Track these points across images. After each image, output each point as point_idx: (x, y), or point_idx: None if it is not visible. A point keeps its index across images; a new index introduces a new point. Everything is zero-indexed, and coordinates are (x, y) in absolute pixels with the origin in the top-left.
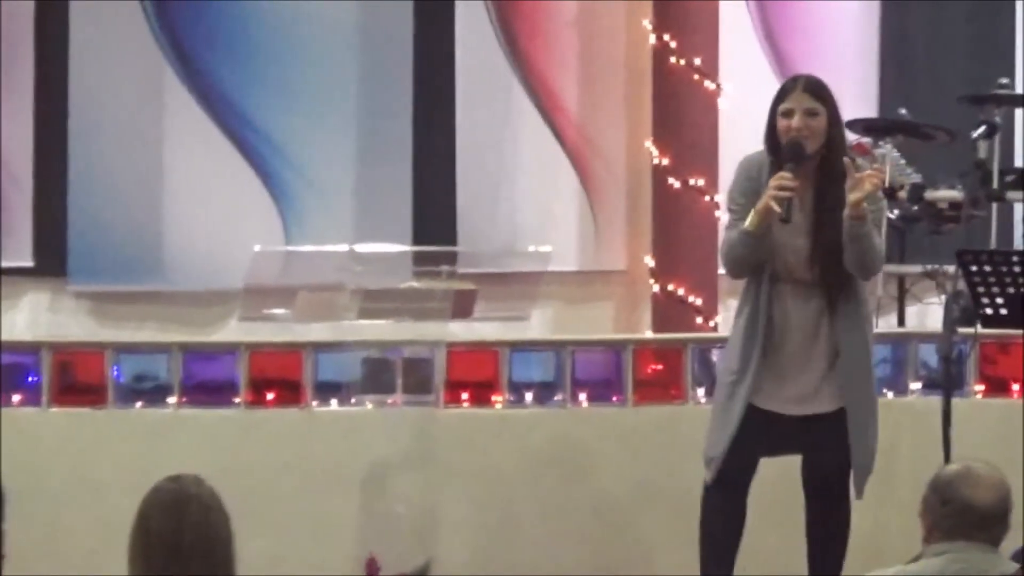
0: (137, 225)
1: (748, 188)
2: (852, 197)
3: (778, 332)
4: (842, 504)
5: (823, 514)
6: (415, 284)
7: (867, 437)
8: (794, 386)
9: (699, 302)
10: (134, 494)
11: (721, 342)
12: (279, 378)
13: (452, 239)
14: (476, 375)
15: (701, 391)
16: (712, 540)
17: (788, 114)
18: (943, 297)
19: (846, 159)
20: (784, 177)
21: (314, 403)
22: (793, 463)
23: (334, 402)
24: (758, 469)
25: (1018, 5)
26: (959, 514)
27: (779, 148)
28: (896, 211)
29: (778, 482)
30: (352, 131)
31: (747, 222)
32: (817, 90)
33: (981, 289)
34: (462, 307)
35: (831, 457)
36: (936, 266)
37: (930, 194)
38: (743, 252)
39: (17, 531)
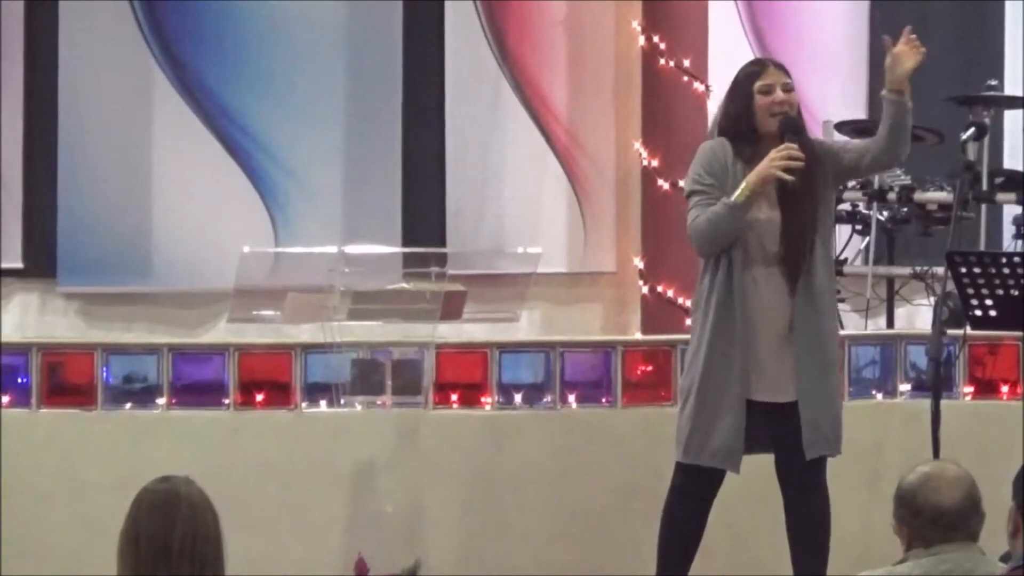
0: (126, 226)
1: (716, 170)
2: (898, 71)
3: (757, 311)
4: (817, 493)
5: (799, 504)
6: (404, 285)
7: (820, 424)
8: (769, 373)
9: (688, 303)
10: (123, 495)
11: None
12: (268, 379)
13: (441, 240)
14: (465, 376)
15: None
16: (676, 543)
17: (768, 90)
18: (932, 299)
19: (884, 37)
20: (792, 148)
21: (303, 404)
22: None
23: (323, 403)
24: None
25: (1006, 6)
26: (933, 521)
27: (746, 128)
28: (885, 213)
29: (769, 484)
30: (341, 132)
31: (736, 195)
32: (785, 68)
33: (970, 291)
34: (451, 308)
35: (801, 445)
36: (925, 268)
37: (919, 196)
38: (729, 226)
39: (6, 530)
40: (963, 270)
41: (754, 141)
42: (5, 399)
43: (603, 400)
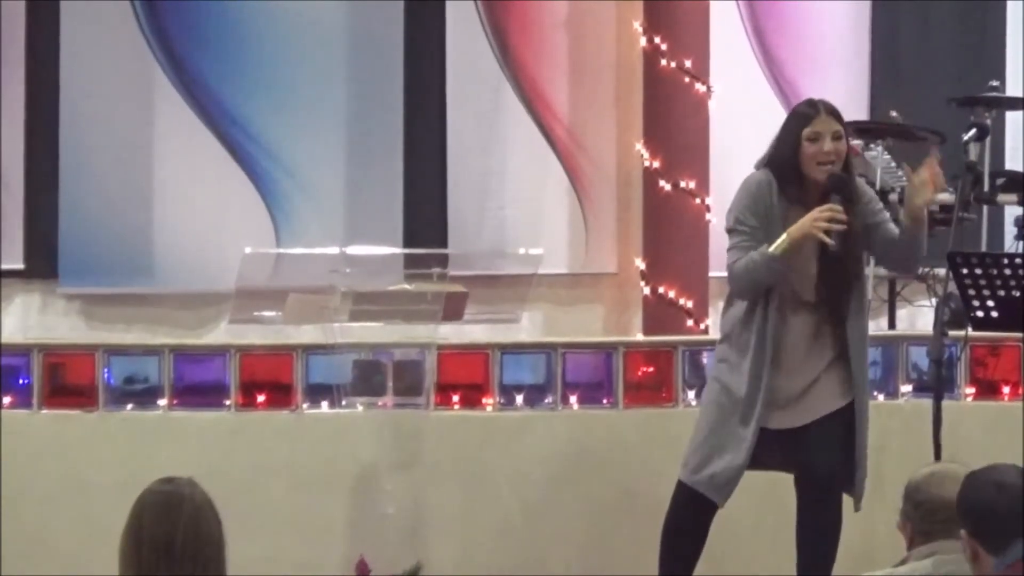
0: (127, 227)
1: (760, 210)
2: (916, 202)
3: (784, 353)
4: (833, 504)
5: (814, 514)
6: (406, 286)
7: (865, 446)
8: (794, 403)
9: (690, 304)
10: (125, 496)
11: (711, 344)
12: (270, 380)
13: (443, 241)
14: (466, 377)
15: (691, 394)
16: (679, 552)
17: (816, 139)
18: (934, 300)
19: (905, 166)
20: (836, 210)
21: (304, 405)
22: None
23: (324, 404)
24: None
25: (1008, 7)
26: (932, 514)
27: (791, 171)
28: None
29: (770, 486)
30: (343, 133)
31: (775, 247)
32: (837, 113)
33: (972, 292)
34: (453, 309)
35: (823, 457)
36: (927, 269)
37: None
38: (765, 277)
39: (7, 532)
40: (964, 271)
41: (800, 184)
42: (6, 400)
43: (604, 401)
